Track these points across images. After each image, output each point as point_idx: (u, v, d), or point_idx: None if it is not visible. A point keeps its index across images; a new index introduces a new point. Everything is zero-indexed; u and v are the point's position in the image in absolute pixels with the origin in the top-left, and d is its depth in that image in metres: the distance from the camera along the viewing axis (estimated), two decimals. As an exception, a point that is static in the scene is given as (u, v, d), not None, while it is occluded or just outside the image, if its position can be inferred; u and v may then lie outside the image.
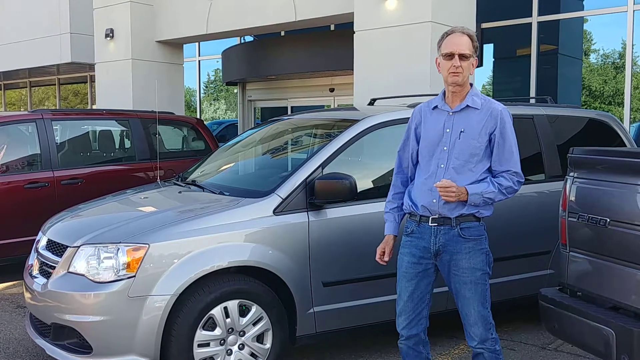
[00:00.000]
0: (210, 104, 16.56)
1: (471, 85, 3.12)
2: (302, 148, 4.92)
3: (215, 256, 3.59)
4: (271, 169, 4.85)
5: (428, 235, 3.10)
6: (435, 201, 3.05)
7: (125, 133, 7.36)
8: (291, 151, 4.95)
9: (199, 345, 3.54)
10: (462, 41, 3.02)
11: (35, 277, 3.92)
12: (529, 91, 9.24)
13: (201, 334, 3.54)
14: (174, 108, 9.71)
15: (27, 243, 4.86)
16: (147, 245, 3.49)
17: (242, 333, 3.67)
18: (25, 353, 4.36)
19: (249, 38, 12.86)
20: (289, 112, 12.39)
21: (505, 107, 3.11)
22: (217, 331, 3.59)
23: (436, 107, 3.15)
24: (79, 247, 3.62)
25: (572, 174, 3.37)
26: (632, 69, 8.58)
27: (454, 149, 3.04)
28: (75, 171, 6.56)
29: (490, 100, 3.12)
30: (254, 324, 3.69)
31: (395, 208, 3.30)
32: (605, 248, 3.11)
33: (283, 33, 11.84)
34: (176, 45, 11.00)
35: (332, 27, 11.13)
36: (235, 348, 3.66)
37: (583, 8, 9.28)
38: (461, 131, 3.04)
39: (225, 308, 3.59)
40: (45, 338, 3.78)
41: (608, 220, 3.05)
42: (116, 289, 3.44)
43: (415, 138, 3.21)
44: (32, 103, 19.94)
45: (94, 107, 15.41)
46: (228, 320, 3.61)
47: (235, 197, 3.98)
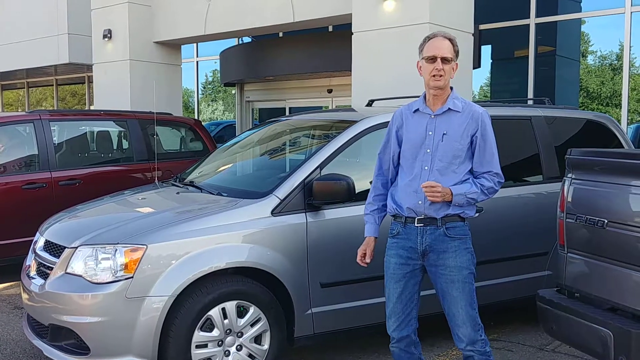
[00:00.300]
0: (208, 105, 16.55)
1: (451, 88, 3.17)
2: (300, 149, 4.91)
3: (213, 257, 3.59)
4: (269, 170, 4.84)
5: (414, 235, 3.11)
6: (421, 202, 3.07)
7: (123, 134, 7.36)
8: (289, 152, 4.95)
9: (197, 346, 3.53)
10: (444, 45, 3.07)
11: (32, 278, 3.91)
12: (527, 92, 9.26)
13: (199, 335, 3.53)
14: (172, 109, 9.72)
15: (25, 244, 4.85)
16: (145, 246, 3.49)
17: (240, 334, 3.66)
18: (22, 354, 4.34)
19: (247, 39, 12.86)
20: (287, 113, 12.39)
21: (485, 110, 3.17)
22: (215, 332, 3.59)
23: (417, 110, 3.19)
24: (77, 248, 3.62)
25: (570, 175, 3.38)
26: (630, 71, 8.59)
27: (437, 151, 3.08)
28: (73, 172, 6.55)
29: (470, 103, 3.18)
30: (252, 325, 3.69)
31: (375, 210, 3.31)
32: (603, 249, 3.11)
33: (281, 34, 11.85)
34: (174, 46, 10.99)
35: (330, 28, 11.14)
36: (233, 349, 3.65)
37: (581, 10, 9.30)
38: (444, 134, 3.08)
39: (223, 309, 3.59)
40: (42, 339, 3.77)
41: (606, 221, 3.06)
42: (114, 290, 3.43)
43: (396, 141, 3.24)
44: (30, 104, 19.92)
45: (92, 108, 15.42)
46: (226, 321, 3.60)
47: (233, 198, 3.98)
